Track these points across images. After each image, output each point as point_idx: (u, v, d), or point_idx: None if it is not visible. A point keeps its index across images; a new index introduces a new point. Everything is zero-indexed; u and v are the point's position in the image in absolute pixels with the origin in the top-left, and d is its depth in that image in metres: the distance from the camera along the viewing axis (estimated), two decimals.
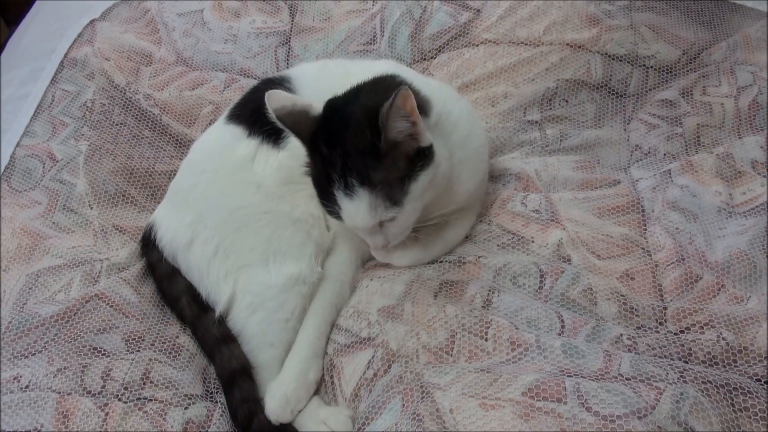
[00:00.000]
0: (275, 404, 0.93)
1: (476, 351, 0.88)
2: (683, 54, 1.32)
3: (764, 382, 0.80)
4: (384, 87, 0.91)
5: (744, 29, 1.31)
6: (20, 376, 0.92)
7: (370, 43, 1.46)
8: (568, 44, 1.32)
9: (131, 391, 0.92)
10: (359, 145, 0.86)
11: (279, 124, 0.92)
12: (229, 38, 1.54)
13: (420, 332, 0.92)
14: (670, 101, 1.26)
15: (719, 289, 0.95)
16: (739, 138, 1.15)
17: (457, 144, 0.99)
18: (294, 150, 1.04)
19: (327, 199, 0.91)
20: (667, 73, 1.31)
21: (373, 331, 0.96)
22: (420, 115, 0.87)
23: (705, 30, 1.35)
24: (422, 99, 0.94)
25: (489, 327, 0.90)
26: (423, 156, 0.89)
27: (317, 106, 0.92)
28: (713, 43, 1.33)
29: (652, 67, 1.31)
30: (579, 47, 1.31)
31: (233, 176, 1.07)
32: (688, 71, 1.30)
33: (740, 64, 1.25)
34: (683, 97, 1.25)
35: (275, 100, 0.91)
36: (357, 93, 0.93)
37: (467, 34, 1.41)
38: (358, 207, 0.88)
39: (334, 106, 0.92)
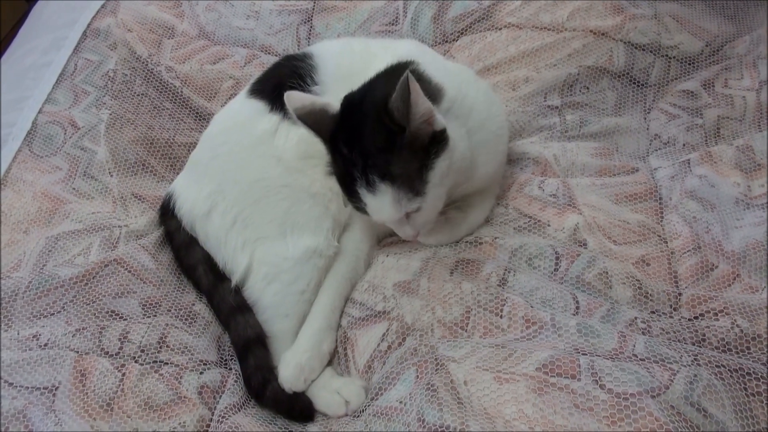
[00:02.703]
0: (289, 373, 0.95)
1: (491, 327, 0.89)
2: (706, 46, 1.31)
3: None
4: (396, 79, 0.91)
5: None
6: (39, 335, 0.94)
7: (393, 24, 1.46)
8: (591, 31, 1.32)
9: (148, 354, 0.94)
10: (376, 142, 0.87)
11: (301, 124, 0.93)
12: (251, 14, 1.54)
13: (435, 307, 0.93)
14: (692, 92, 1.25)
15: (734, 279, 0.95)
16: (760, 131, 1.15)
17: (475, 126, 0.99)
18: None
19: (353, 196, 0.92)
20: (689, 64, 1.31)
21: (389, 305, 0.97)
22: (429, 101, 0.86)
23: (729, 23, 1.34)
24: (434, 86, 0.94)
25: (504, 304, 0.91)
26: (437, 142, 0.89)
27: (334, 105, 0.93)
28: (737, 36, 1.32)
29: (674, 57, 1.31)
30: (602, 35, 1.31)
31: (254, 149, 1.08)
32: (710, 63, 1.30)
33: (763, 59, 1.25)
34: (705, 88, 1.25)
35: (295, 100, 0.92)
36: (370, 88, 0.93)
37: (490, 17, 1.41)
38: (382, 202, 0.89)
39: (350, 103, 0.93)
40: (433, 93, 0.93)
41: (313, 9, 1.53)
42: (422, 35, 1.44)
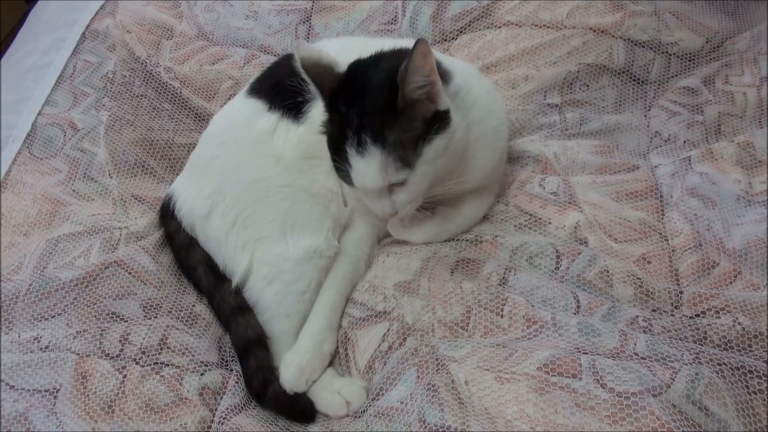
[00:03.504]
0: (290, 374, 0.94)
1: (492, 327, 0.89)
2: (706, 42, 1.31)
3: None
4: (406, 52, 0.91)
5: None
6: (40, 337, 0.94)
7: (392, 23, 1.46)
8: (591, 28, 1.31)
9: (148, 356, 0.93)
10: (376, 103, 0.86)
11: (302, 74, 0.91)
12: (250, 14, 1.54)
13: (436, 307, 0.93)
14: (692, 89, 1.25)
15: (736, 276, 0.95)
16: (761, 127, 1.15)
17: (476, 120, 0.99)
18: (313, 125, 1.04)
19: (339, 157, 0.90)
20: (689, 60, 1.31)
21: (389, 305, 0.97)
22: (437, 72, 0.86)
23: (729, 19, 1.34)
24: (443, 69, 0.94)
25: (505, 304, 0.91)
26: (439, 119, 0.88)
27: (342, 65, 0.92)
28: (737, 32, 1.32)
29: (674, 54, 1.31)
30: (602, 32, 1.31)
31: (253, 149, 1.07)
32: (710, 60, 1.29)
33: (763, 55, 1.24)
34: (705, 85, 1.25)
35: (303, 50, 0.91)
36: (380, 57, 0.93)
37: (489, 15, 1.41)
38: (368, 165, 0.87)
39: (357, 67, 0.92)
40: (443, 73, 0.92)
41: (312, 9, 1.53)
42: (421, 34, 1.44)
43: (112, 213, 1.16)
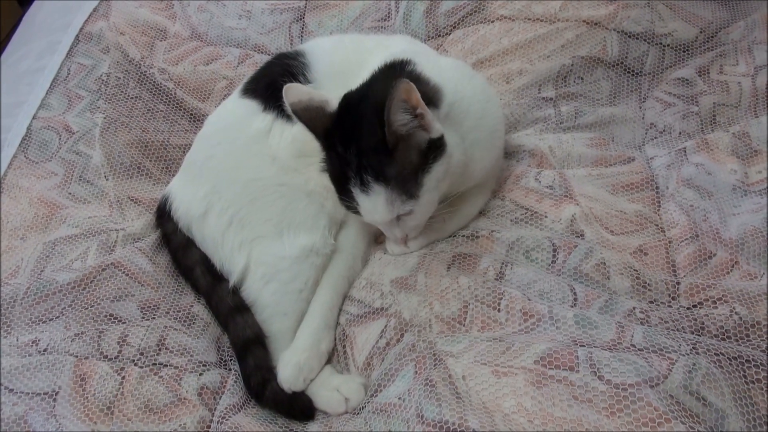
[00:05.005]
0: (288, 372, 0.95)
1: (489, 321, 0.89)
2: (700, 32, 1.30)
3: None
4: (399, 69, 0.91)
5: (762, 9, 1.29)
6: (38, 340, 0.94)
7: (385, 20, 1.46)
8: (584, 21, 1.31)
9: (147, 357, 0.94)
10: (371, 142, 0.87)
11: (294, 119, 0.93)
12: (243, 14, 1.54)
13: (433, 302, 0.93)
14: (687, 80, 1.25)
15: (733, 266, 0.94)
16: (756, 117, 1.15)
17: (470, 128, 0.99)
18: None
19: (345, 195, 0.92)
20: (683, 51, 1.30)
21: (386, 302, 0.97)
22: (429, 106, 0.87)
23: (723, 9, 1.33)
24: (432, 88, 0.93)
25: (502, 298, 0.91)
26: (435, 147, 0.89)
27: (333, 102, 0.92)
28: (731, 22, 1.31)
29: (668, 45, 1.30)
30: (595, 24, 1.31)
31: (248, 149, 1.07)
32: (705, 50, 1.29)
33: (758, 44, 1.24)
34: (700, 75, 1.24)
35: (293, 94, 0.91)
36: (369, 87, 0.93)
37: (483, 10, 1.40)
38: (375, 203, 0.89)
39: (349, 102, 0.92)
40: (432, 96, 0.92)
41: (305, 7, 1.53)
42: (415, 30, 1.43)
43: (108, 215, 1.16)
